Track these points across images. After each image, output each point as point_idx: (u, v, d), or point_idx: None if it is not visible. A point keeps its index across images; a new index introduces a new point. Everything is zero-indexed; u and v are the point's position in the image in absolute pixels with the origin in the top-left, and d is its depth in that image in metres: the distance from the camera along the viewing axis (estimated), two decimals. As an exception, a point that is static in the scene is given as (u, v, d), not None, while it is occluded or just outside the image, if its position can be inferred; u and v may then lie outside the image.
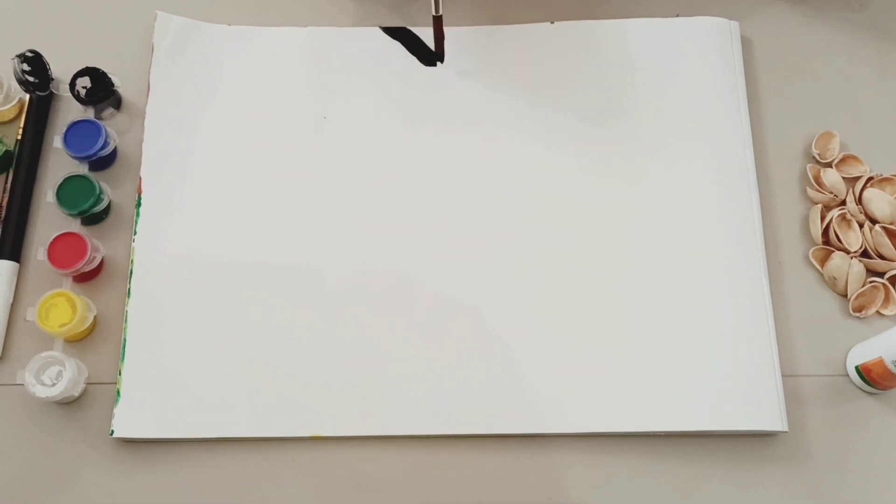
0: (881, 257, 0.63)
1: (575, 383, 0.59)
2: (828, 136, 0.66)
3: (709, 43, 0.68)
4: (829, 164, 0.66)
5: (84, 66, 0.65)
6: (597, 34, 0.68)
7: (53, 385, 0.58)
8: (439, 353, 0.60)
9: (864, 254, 0.63)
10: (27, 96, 0.66)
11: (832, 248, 0.64)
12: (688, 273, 0.62)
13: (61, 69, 0.66)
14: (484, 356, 0.60)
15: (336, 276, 0.62)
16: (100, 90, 0.65)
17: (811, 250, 0.64)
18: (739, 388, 0.59)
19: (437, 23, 0.64)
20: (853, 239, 0.63)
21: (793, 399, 0.60)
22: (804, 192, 0.65)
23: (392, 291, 0.62)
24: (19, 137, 0.65)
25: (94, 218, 0.64)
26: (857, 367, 0.60)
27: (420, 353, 0.60)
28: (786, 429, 0.58)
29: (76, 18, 0.69)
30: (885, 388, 0.59)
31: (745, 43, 0.69)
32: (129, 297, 0.61)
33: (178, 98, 0.66)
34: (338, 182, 0.64)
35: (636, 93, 0.66)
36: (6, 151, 0.64)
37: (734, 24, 0.68)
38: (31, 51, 0.64)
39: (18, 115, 0.66)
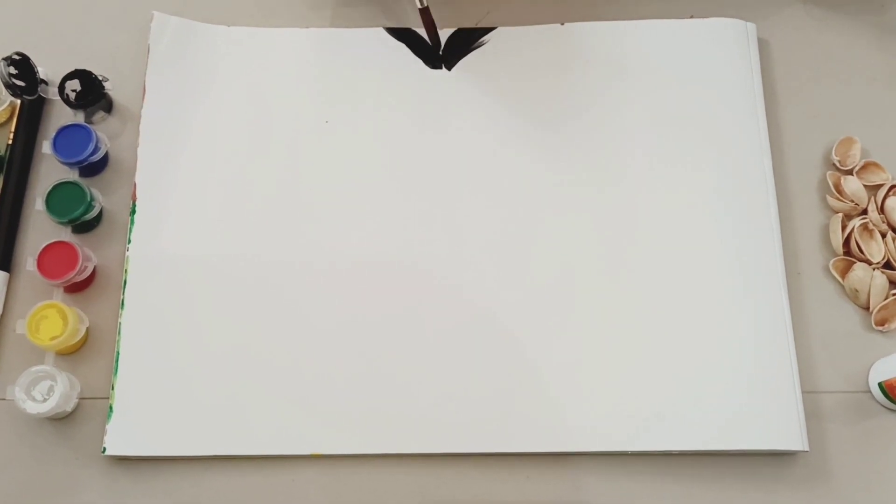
0: (905, 268, 0.61)
1: (587, 401, 0.57)
2: (848, 142, 0.64)
3: (724, 45, 0.66)
4: (849, 172, 0.64)
5: (74, 69, 0.63)
6: (608, 36, 0.66)
7: (45, 400, 0.56)
8: (445, 369, 0.58)
9: (888, 265, 0.61)
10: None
11: (853, 259, 0.61)
12: (703, 285, 0.60)
13: (54, 71, 0.65)
14: (492, 373, 0.58)
15: (338, 289, 0.60)
16: (90, 93, 0.63)
17: (832, 261, 0.62)
18: (757, 406, 0.57)
19: (425, 14, 0.63)
20: (875, 249, 0.61)
21: (813, 417, 0.58)
22: (824, 200, 0.63)
23: (395, 305, 0.60)
24: (10, 142, 0.63)
25: (86, 226, 0.62)
26: (880, 384, 0.58)
27: (426, 369, 0.58)
28: (806, 448, 0.56)
29: (69, 19, 0.68)
30: (909, 406, 0.57)
31: (762, 45, 0.67)
32: (122, 308, 0.59)
33: (174, 101, 0.64)
34: (340, 189, 0.62)
35: (649, 96, 0.65)
36: (-3, 156, 0.63)
37: (751, 26, 0.66)
38: (17, 53, 0.62)
39: (10, 119, 0.64)
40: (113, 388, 0.58)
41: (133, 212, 0.61)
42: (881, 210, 0.62)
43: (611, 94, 0.65)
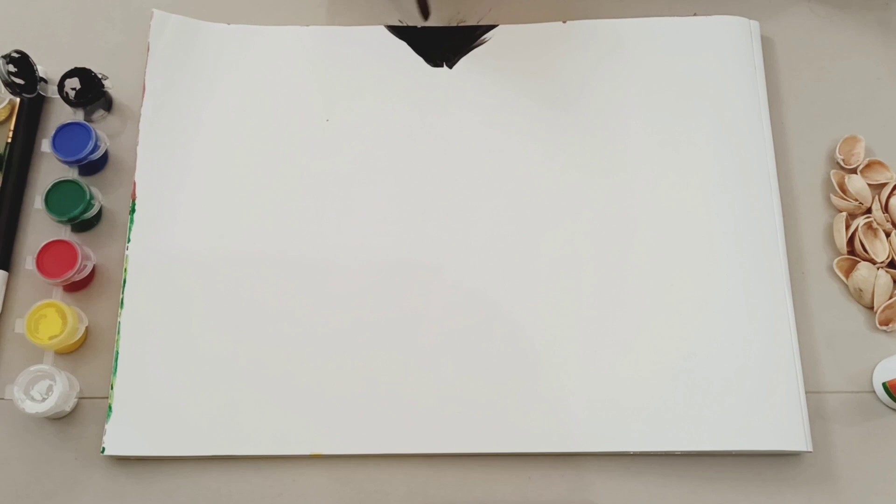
0: (909, 268, 0.61)
1: (589, 401, 0.57)
2: (852, 140, 0.64)
3: (728, 43, 0.65)
4: (853, 170, 0.63)
5: (73, 67, 0.63)
6: (610, 34, 0.66)
7: (43, 400, 0.56)
8: (446, 368, 0.58)
9: (892, 264, 0.61)
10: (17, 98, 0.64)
11: (857, 259, 0.61)
12: (707, 285, 0.59)
13: (53, 69, 0.64)
14: (493, 373, 0.58)
15: (337, 288, 0.60)
16: (89, 91, 0.63)
17: (835, 260, 0.61)
18: (761, 406, 0.56)
19: None
20: (880, 249, 0.61)
21: (817, 417, 0.58)
22: (828, 199, 0.63)
23: (395, 303, 0.59)
24: (9, 141, 0.63)
25: (85, 224, 0.62)
26: (884, 384, 0.57)
27: (427, 368, 0.58)
28: (810, 448, 0.56)
29: (68, 17, 0.67)
30: (914, 407, 0.57)
31: (766, 43, 0.66)
32: (122, 307, 0.59)
33: (174, 100, 0.64)
34: (340, 188, 0.62)
35: (652, 95, 0.64)
36: (-4, 155, 0.62)
37: (754, 24, 0.66)
38: (17, 51, 0.62)
39: (9, 118, 0.64)
40: (112, 388, 0.57)
41: (133, 210, 0.61)
42: (885, 209, 0.62)
43: (613, 92, 0.64)
